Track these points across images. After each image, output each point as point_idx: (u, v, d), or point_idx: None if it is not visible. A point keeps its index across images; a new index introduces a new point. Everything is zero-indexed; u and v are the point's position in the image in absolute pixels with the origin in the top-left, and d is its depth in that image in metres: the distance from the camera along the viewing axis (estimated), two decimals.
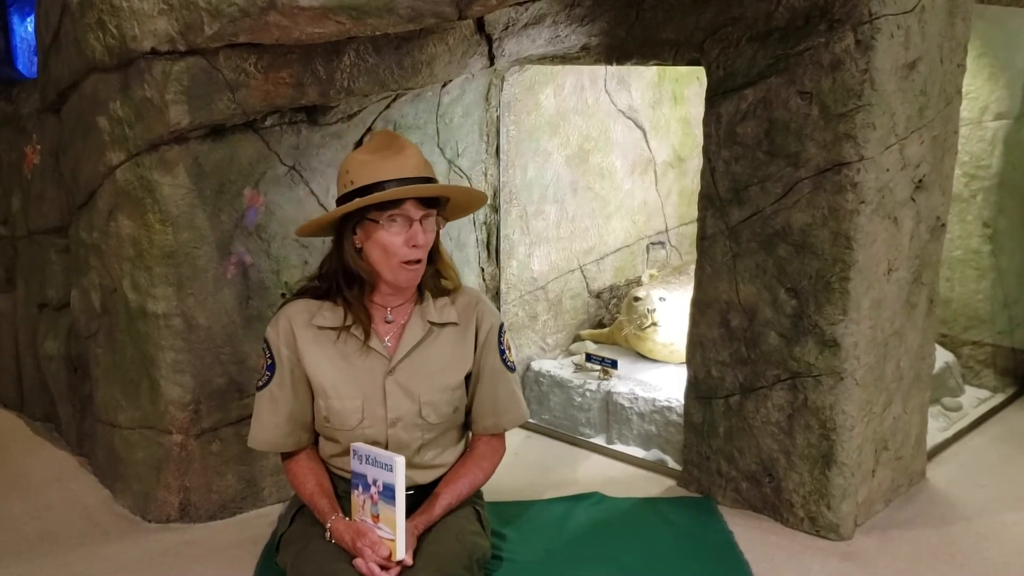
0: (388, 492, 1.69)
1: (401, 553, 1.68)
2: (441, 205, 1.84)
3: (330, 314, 1.85)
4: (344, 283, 1.84)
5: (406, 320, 1.87)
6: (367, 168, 1.77)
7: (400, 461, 1.67)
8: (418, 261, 1.79)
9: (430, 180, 1.81)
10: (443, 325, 1.89)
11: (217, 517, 2.45)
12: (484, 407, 1.94)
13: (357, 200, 1.75)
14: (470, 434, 2.01)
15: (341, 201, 1.80)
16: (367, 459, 1.73)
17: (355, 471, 1.76)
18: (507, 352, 1.95)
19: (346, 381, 1.84)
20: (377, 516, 1.72)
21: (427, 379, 1.86)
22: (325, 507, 1.81)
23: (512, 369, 1.96)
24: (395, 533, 1.68)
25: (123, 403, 2.49)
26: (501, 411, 1.95)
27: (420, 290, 1.90)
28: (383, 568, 1.67)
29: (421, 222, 1.77)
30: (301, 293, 1.91)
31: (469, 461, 1.94)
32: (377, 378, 1.84)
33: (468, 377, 1.93)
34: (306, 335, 1.85)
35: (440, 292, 1.91)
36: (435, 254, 1.89)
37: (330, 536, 1.77)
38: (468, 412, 1.97)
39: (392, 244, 1.76)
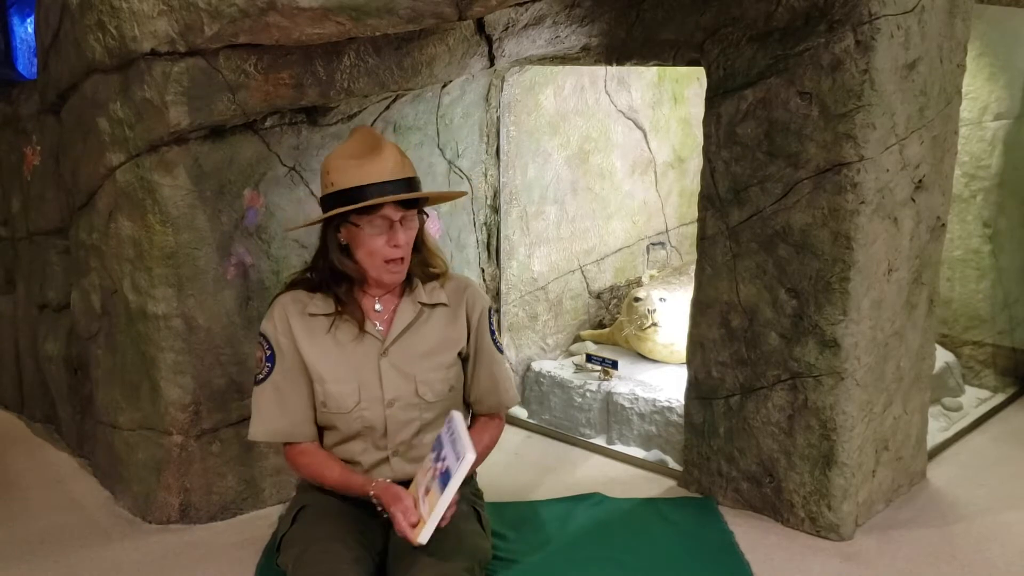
0: (445, 477, 1.69)
1: (423, 538, 1.68)
2: (420, 202, 1.88)
3: (322, 303, 1.90)
4: (333, 281, 1.89)
5: (396, 305, 1.91)
6: (346, 172, 1.80)
7: (471, 457, 1.65)
8: (401, 260, 1.84)
9: (409, 179, 1.83)
10: (433, 306, 1.94)
11: (217, 518, 2.45)
12: (484, 387, 1.99)
13: (338, 209, 1.80)
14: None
15: (323, 200, 1.87)
16: (451, 435, 1.72)
17: (441, 438, 1.75)
18: (496, 334, 2.01)
19: (341, 365, 1.87)
20: (428, 490, 1.72)
21: (421, 359, 1.89)
22: (360, 480, 1.83)
23: (502, 351, 2.02)
24: (428, 516, 1.68)
25: (123, 404, 2.49)
26: (501, 391, 2.00)
27: (409, 278, 1.94)
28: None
29: (401, 222, 1.80)
30: (293, 285, 1.95)
31: (473, 431, 1.96)
32: (371, 361, 1.87)
33: (461, 357, 1.97)
34: (300, 323, 1.88)
35: (429, 278, 1.95)
36: (420, 244, 1.93)
37: (377, 503, 1.78)
38: (465, 397, 2.01)
39: (374, 246, 1.81)
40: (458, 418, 1.76)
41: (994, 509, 2.50)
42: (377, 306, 1.91)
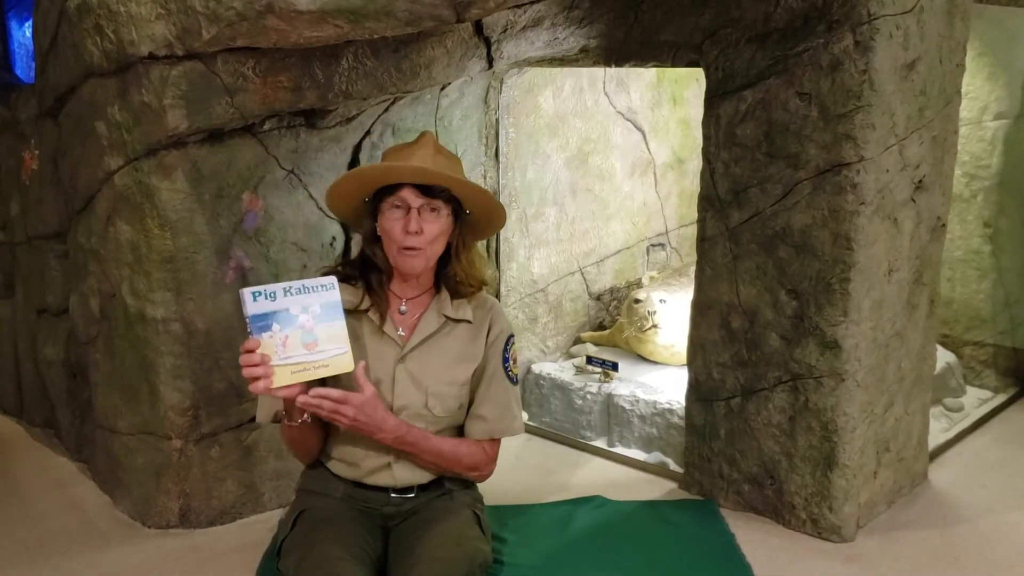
0: (331, 310, 1.70)
1: (353, 363, 1.71)
2: (445, 198, 1.83)
3: (350, 296, 1.89)
4: (367, 268, 1.90)
5: (421, 312, 1.91)
6: (386, 158, 1.87)
7: (334, 278, 1.72)
8: (416, 249, 1.81)
9: (449, 177, 1.81)
10: (457, 321, 1.92)
11: (217, 523, 2.44)
12: (478, 409, 1.94)
13: (346, 172, 1.87)
14: None
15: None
16: (286, 291, 1.67)
17: (258, 312, 1.65)
18: (511, 363, 1.96)
19: (357, 362, 1.84)
20: (315, 342, 1.69)
21: (436, 371, 1.88)
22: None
23: (513, 381, 1.96)
24: (346, 344, 1.71)
25: (122, 408, 2.49)
26: (494, 416, 1.93)
27: (438, 287, 1.93)
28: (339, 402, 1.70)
29: (420, 212, 1.79)
30: (325, 275, 1.94)
31: (462, 442, 1.93)
32: (388, 364, 1.87)
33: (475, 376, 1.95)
34: None
35: (457, 295, 1.93)
36: (453, 255, 1.90)
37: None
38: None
39: (393, 230, 1.81)
40: (263, 287, 1.67)
41: (996, 510, 2.49)
42: (403, 307, 1.91)
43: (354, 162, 2.60)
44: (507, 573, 2.05)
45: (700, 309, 2.50)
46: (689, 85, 3.73)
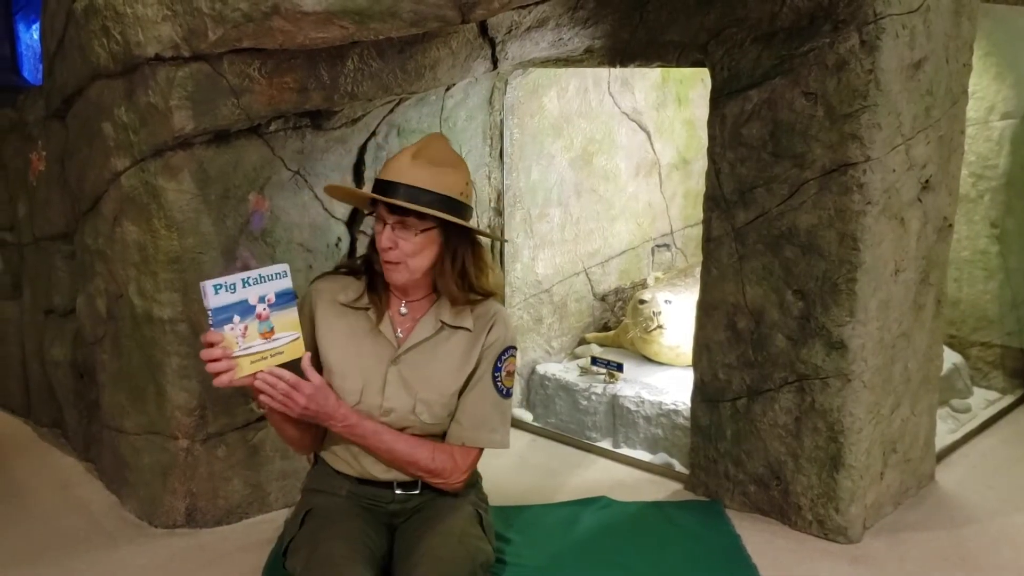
0: (284, 297, 1.70)
1: (303, 348, 1.72)
2: (418, 215, 1.76)
3: (353, 292, 1.89)
4: (372, 268, 1.90)
5: (421, 315, 1.89)
6: (385, 164, 1.86)
7: (286, 265, 1.71)
8: (396, 263, 1.79)
9: (414, 188, 1.75)
10: (456, 328, 1.88)
11: (223, 522, 2.45)
12: (456, 412, 1.87)
13: (328, 185, 1.94)
14: None
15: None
16: (244, 282, 1.66)
17: (220, 305, 1.64)
18: (502, 373, 1.89)
19: (352, 361, 1.85)
20: (271, 331, 1.69)
21: (428, 378, 1.86)
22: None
23: (501, 393, 1.89)
24: (298, 331, 1.71)
25: (129, 409, 2.50)
26: (470, 424, 1.86)
27: (439, 294, 1.91)
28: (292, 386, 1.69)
29: (394, 228, 1.77)
30: (337, 269, 1.98)
31: (424, 444, 1.85)
32: (381, 365, 1.85)
33: None
34: (327, 310, 1.87)
35: (457, 301, 1.88)
36: (451, 265, 1.82)
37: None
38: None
39: (378, 241, 1.82)
40: (222, 279, 1.65)
41: (1003, 511, 2.48)
42: (403, 309, 1.89)
43: (359, 163, 2.60)
44: (512, 573, 2.05)
45: (706, 310, 2.50)
46: (694, 85, 3.72)
